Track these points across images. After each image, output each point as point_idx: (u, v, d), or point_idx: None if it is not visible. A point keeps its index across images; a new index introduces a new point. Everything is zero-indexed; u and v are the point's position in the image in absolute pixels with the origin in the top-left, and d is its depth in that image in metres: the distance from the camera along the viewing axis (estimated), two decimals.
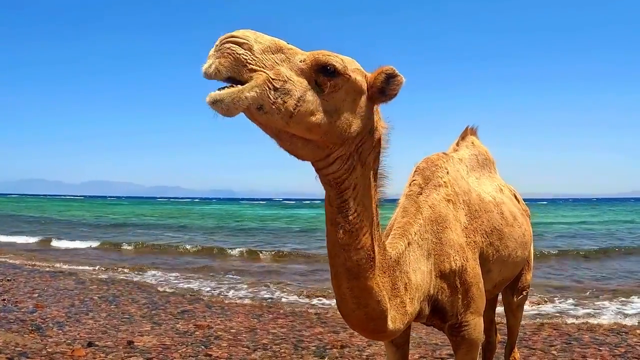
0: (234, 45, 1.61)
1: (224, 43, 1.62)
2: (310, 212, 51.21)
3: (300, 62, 1.76)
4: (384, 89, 1.94)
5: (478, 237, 2.91)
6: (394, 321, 2.28)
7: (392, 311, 2.25)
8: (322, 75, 1.78)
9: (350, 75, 1.85)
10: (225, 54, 1.60)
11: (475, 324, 2.76)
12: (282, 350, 5.87)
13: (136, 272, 12.38)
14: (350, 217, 1.99)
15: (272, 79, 1.65)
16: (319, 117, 1.77)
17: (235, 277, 11.97)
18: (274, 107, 1.67)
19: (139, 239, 21.34)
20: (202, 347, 5.97)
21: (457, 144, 3.67)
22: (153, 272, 12.53)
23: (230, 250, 17.53)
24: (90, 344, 5.89)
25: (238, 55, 1.61)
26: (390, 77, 1.93)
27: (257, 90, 1.62)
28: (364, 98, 1.94)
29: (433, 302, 2.61)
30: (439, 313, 2.67)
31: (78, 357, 5.41)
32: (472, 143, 3.71)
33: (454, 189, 2.93)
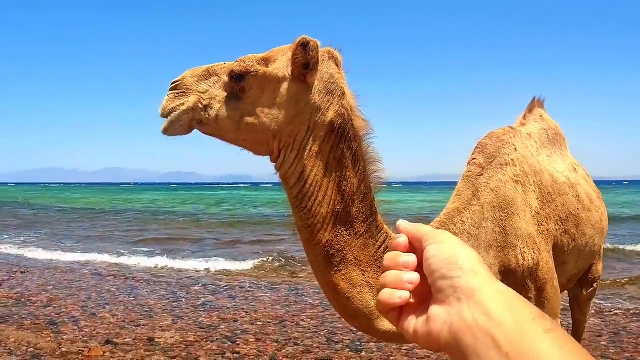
0: (170, 92, 1.95)
1: (168, 90, 1.96)
2: None
3: (225, 77, 1.92)
4: (306, 61, 1.86)
5: (552, 224, 2.58)
6: None
7: None
8: (233, 82, 1.90)
9: (257, 71, 1.88)
10: (164, 98, 1.96)
11: None
12: (315, 345, 5.47)
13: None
14: (301, 214, 1.93)
15: (202, 99, 1.91)
16: (236, 120, 1.89)
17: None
18: (206, 120, 1.91)
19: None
20: (229, 342, 5.58)
21: (524, 117, 3.26)
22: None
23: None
24: (108, 342, 5.52)
25: (171, 96, 1.95)
26: (305, 46, 1.85)
27: (190, 110, 1.91)
28: (286, 85, 1.89)
29: None
30: None
31: (95, 357, 5.03)
32: (541, 116, 3.32)
33: (523, 168, 2.60)
